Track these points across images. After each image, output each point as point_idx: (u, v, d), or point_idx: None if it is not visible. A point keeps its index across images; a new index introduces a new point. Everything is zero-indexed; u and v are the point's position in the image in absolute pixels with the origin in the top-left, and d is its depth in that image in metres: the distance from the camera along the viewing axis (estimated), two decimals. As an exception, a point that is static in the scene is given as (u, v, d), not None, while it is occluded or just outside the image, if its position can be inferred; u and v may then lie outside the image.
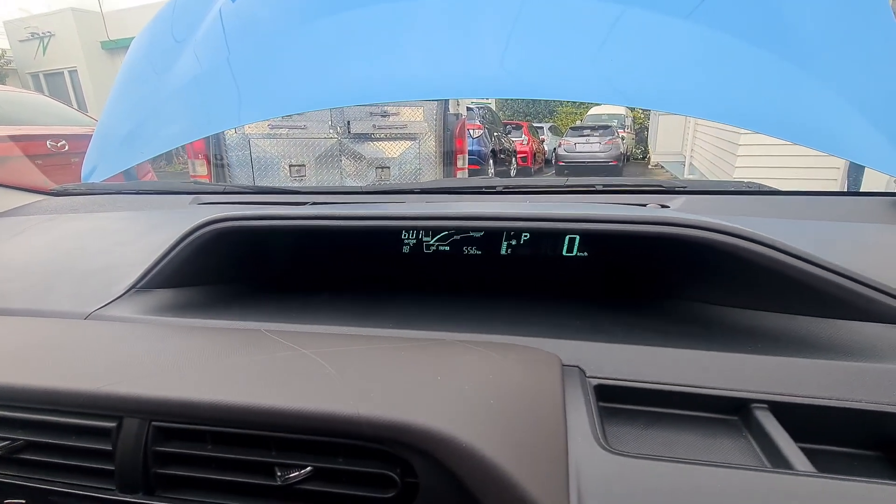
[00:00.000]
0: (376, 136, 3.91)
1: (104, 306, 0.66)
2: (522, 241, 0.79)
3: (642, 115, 15.90)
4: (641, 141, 16.23)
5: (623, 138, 12.41)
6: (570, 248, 0.77)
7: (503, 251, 0.80)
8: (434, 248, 0.81)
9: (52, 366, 0.50)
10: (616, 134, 11.59)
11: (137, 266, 0.72)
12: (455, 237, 0.79)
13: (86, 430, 0.47)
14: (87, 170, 1.33)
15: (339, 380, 0.45)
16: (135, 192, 1.29)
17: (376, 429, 0.40)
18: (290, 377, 0.46)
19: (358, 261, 0.85)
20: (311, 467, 0.43)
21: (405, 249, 0.82)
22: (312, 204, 1.05)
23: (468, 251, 0.81)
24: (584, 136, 11.36)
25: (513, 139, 10.58)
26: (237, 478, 0.44)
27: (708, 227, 0.54)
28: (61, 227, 1.02)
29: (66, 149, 3.79)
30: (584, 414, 0.46)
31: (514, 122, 12.00)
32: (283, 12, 1.27)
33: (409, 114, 3.91)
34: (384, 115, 3.86)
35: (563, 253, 0.78)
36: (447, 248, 0.81)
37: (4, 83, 12.83)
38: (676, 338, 0.56)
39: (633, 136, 15.59)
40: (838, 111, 0.93)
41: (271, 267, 0.84)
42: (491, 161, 8.06)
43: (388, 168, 3.98)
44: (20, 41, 13.31)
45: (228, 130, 3.68)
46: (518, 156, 10.58)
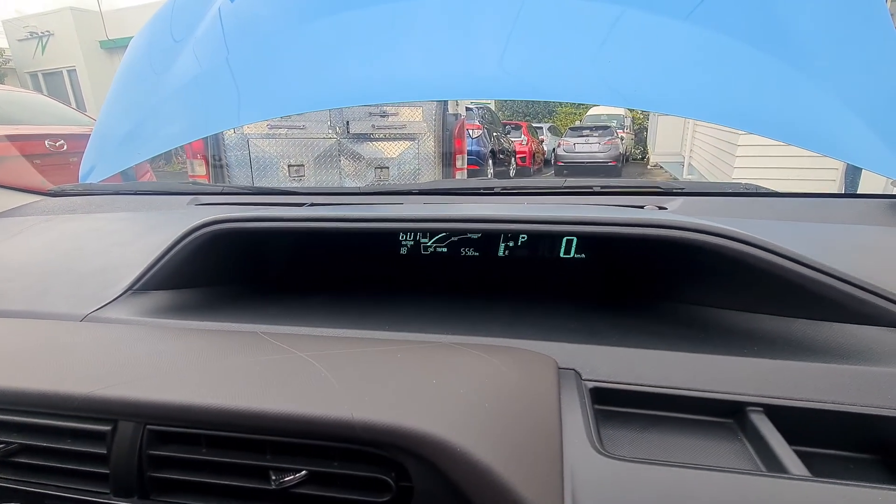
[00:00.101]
0: (375, 136, 3.89)
1: (101, 308, 0.66)
2: (520, 243, 0.79)
3: (641, 116, 15.92)
4: (640, 141, 16.25)
5: (622, 139, 12.41)
6: (567, 251, 0.77)
7: (500, 253, 0.80)
8: (431, 249, 0.81)
9: (48, 369, 0.50)
10: (615, 134, 11.59)
11: (135, 267, 0.71)
12: (452, 239, 0.80)
13: (80, 434, 0.47)
14: (84, 170, 1.33)
15: (334, 383, 0.45)
16: (132, 192, 1.29)
17: (371, 433, 0.40)
18: (285, 380, 0.46)
19: (355, 262, 0.85)
20: (305, 471, 0.43)
21: (403, 251, 0.82)
22: (310, 205, 1.05)
23: (466, 252, 0.81)
24: (584, 136, 11.36)
25: (512, 139, 10.59)
26: (232, 481, 0.44)
27: (704, 230, 0.55)
28: (58, 228, 1.02)
29: (64, 148, 3.80)
30: (580, 417, 0.46)
31: (513, 123, 12.02)
32: (282, 12, 1.27)
33: (408, 114, 3.90)
34: (383, 115, 3.85)
35: (561, 255, 0.78)
36: (444, 250, 0.81)
37: (3, 82, 12.83)
38: (672, 341, 0.56)
39: (632, 136, 15.60)
40: (836, 113, 0.93)
41: (268, 268, 0.84)
42: (490, 161, 8.06)
43: (386, 168, 3.97)
44: (19, 40, 13.28)
45: (227, 131, 3.67)
46: (517, 156, 10.59)
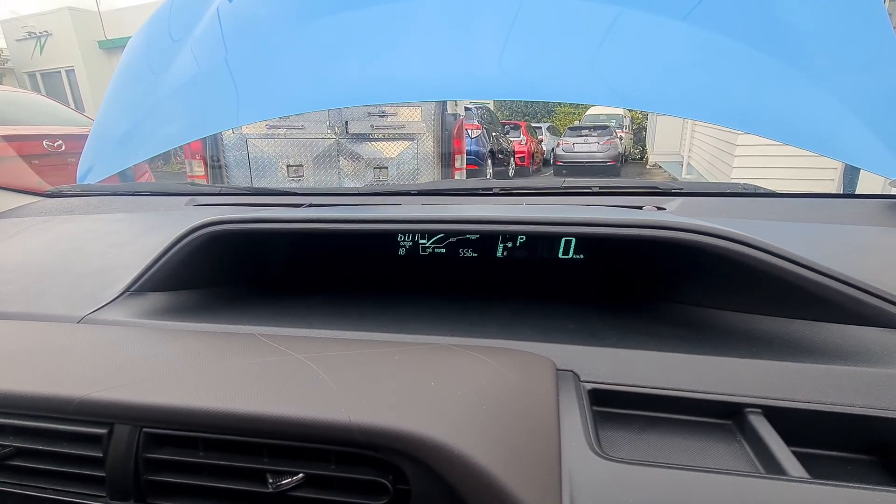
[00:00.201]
0: (374, 136, 3.89)
1: (98, 310, 0.66)
2: (518, 244, 0.79)
3: (640, 116, 15.92)
4: (639, 141, 16.26)
5: (621, 138, 12.43)
6: (566, 251, 0.77)
7: (499, 253, 0.80)
8: (430, 250, 0.81)
9: (44, 371, 0.50)
10: (614, 134, 11.60)
11: (132, 269, 0.71)
12: (451, 240, 0.79)
13: (77, 437, 0.47)
14: (82, 171, 1.32)
15: (331, 385, 0.45)
16: (130, 193, 1.28)
17: (368, 436, 0.40)
18: (282, 383, 0.46)
19: (354, 263, 0.85)
20: (302, 474, 0.42)
21: (401, 252, 0.82)
22: (308, 206, 1.05)
23: (464, 253, 0.81)
24: (583, 136, 11.37)
25: (511, 139, 10.58)
26: (229, 484, 0.44)
27: (703, 231, 0.54)
28: (55, 230, 1.01)
29: (62, 149, 3.79)
30: (578, 419, 0.46)
31: (512, 122, 12.01)
32: (281, 12, 1.26)
33: (407, 114, 3.89)
34: (382, 115, 3.84)
35: (559, 256, 0.78)
36: (443, 251, 0.81)
37: (1, 83, 12.82)
38: (671, 342, 0.56)
39: (631, 136, 15.61)
40: (834, 113, 0.93)
41: (266, 269, 0.83)
42: (489, 161, 8.06)
43: (385, 168, 3.96)
44: (17, 40, 13.26)
45: (226, 131, 3.67)
46: (516, 156, 10.59)
